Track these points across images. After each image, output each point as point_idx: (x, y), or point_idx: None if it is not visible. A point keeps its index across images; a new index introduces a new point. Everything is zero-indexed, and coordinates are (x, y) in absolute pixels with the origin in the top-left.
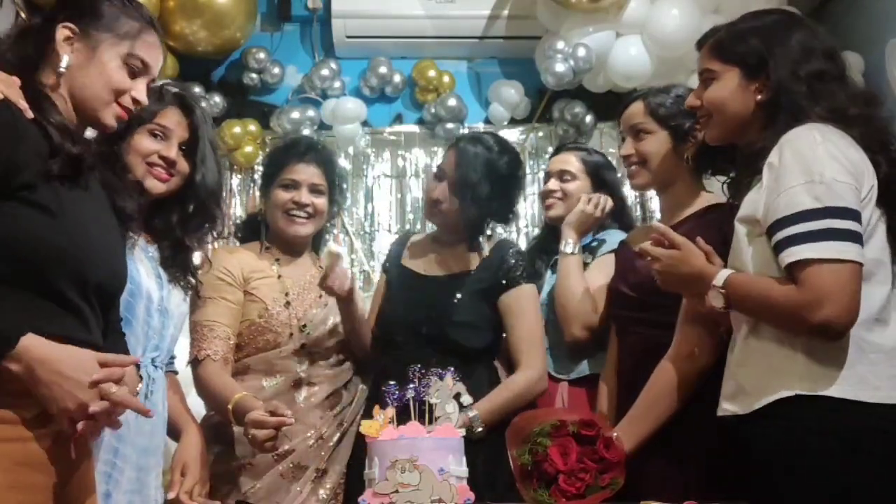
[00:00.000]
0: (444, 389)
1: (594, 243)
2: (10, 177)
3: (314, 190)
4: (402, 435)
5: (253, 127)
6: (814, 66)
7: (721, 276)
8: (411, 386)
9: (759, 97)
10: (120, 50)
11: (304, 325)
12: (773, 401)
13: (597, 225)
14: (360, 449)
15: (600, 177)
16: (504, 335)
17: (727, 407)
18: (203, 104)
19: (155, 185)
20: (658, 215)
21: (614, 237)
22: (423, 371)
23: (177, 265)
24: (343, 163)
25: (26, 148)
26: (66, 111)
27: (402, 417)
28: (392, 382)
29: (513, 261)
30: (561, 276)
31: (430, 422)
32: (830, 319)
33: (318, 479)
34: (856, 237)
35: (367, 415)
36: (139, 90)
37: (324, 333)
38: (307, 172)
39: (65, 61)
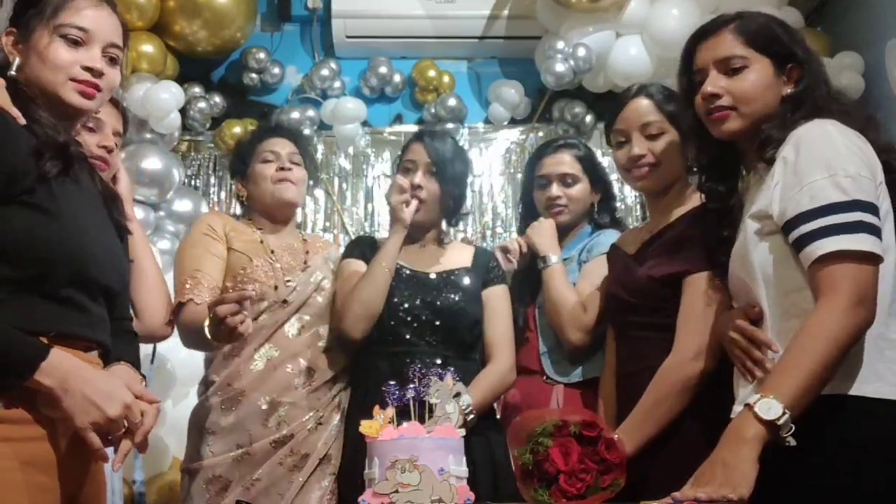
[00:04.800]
0: (444, 389)
1: (590, 244)
2: (13, 182)
3: (292, 159)
4: (402, 435)
5: (253, 127)
6: (825, 71)
7: (771, 409)
8: (411, 386)
9: (788, 90)
10: (49, 26)
11: (289, 281)
12: None
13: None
14: (353, 448)
15: (596, 173)
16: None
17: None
18: (203, 104)
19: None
20: None
21: (609, 237)
22: (423, 371)
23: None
24: (343, 163)
25: (24, 152)
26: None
27: (402, 417)
28: (392, 382)
29: (495, 261)
30: (547, 286)
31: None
32: (868, 321)
33: (321, 468)
34: (879, 234)
35: (365, 413)
36: (89, 58)
37: (310, 293)
38: (283, 144)
39: (15, 64)
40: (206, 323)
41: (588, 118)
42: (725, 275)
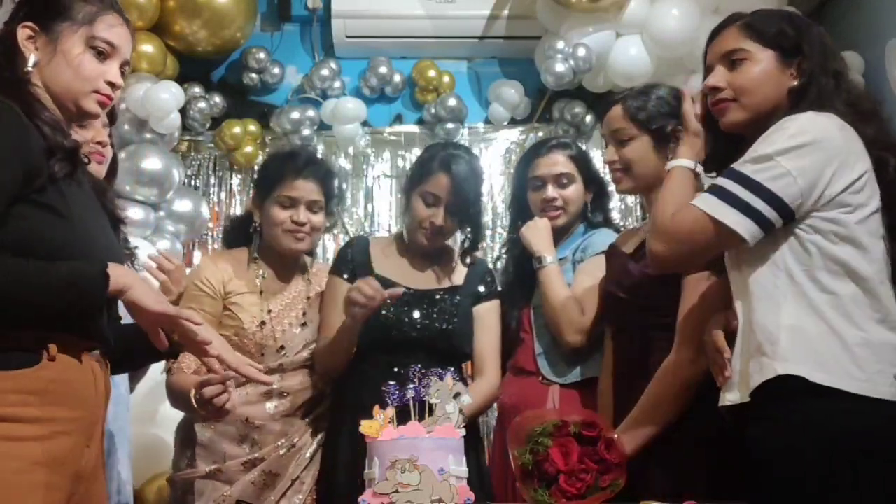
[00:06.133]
0: (444, 389)
1: (584, 244)
2: (29, 181)
3: (312, 207)
4: (402, 435)
5: (253, 127)
6: (834, 64)
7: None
8: (411, 386)
9: (793, 83)
10: (81, 35)
11: (282, 347)
12: (759, 384)
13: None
14: (331, 457)
15: (589, 172)
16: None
17: (727, 397)
18: (203, 104)
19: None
20: None
21: (603, 236)
22: (423, 371)
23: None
24: (343, 163)
25: (38, 151)
26: (51, 108)
27: (403, 417)
28: (392, 382)
29: (490, 276)
30: (543, 287)
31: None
32: (654, 251)
33: (293, 487)
34: (749, 210)
35: (361, 414)
36: (113, 73)
37: (303, 356)
38: (306, 189)
39: (31, 60)
40: (193, 394)
41: (588, 118)
42: (724, 273)
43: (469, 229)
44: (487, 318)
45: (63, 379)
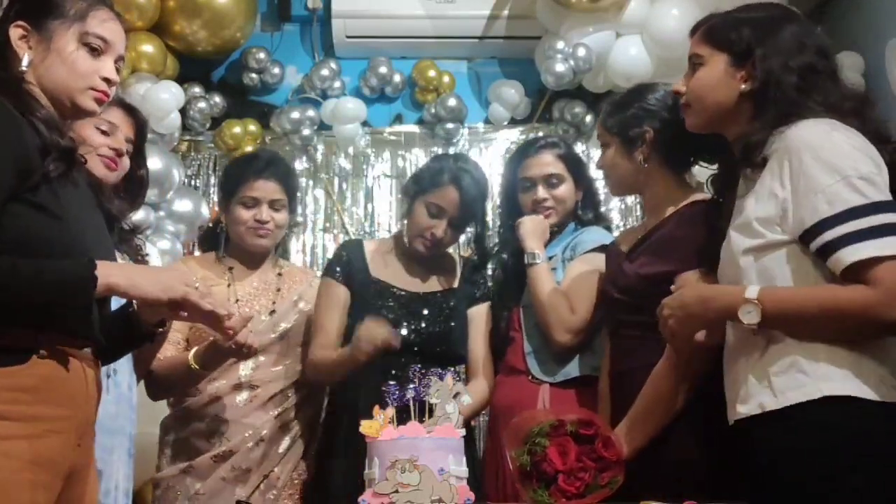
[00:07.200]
0: (444, 389)
1: (574, 242)
2: (24, 179)
3: (273, 206)
4: (402, 435)
5: (253, 127)
6: (806, 60)
7: (752, 289)
8: (411, 386)
9: (744, 86)
10: (74, 32)
11: (250, 331)
12: (798, 402)
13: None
14: (329, 457)
15: (579, 171)
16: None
17: (741, 409)
18: (203, 104)
19: (106, 174)
20: None
21: (593, 234)
22: (422, 371)
23: (127, 244)
24: (343, 163)
25: (32, 150)
26: (47, 106)
27: (403, 417)
28: (392, 382)
29: (482, 278)
30: (533, 285)
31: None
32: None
33: (266, 482)
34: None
35: (364, 414)
36: (108, 69)
37: (272, 339)
38: (267, 189)
39: (25, 60)
40: (192, 357)
41: (588, 118)
42: (714, 271)
43: (475, 246)
44: (479, 320)
45: (55, 377)
